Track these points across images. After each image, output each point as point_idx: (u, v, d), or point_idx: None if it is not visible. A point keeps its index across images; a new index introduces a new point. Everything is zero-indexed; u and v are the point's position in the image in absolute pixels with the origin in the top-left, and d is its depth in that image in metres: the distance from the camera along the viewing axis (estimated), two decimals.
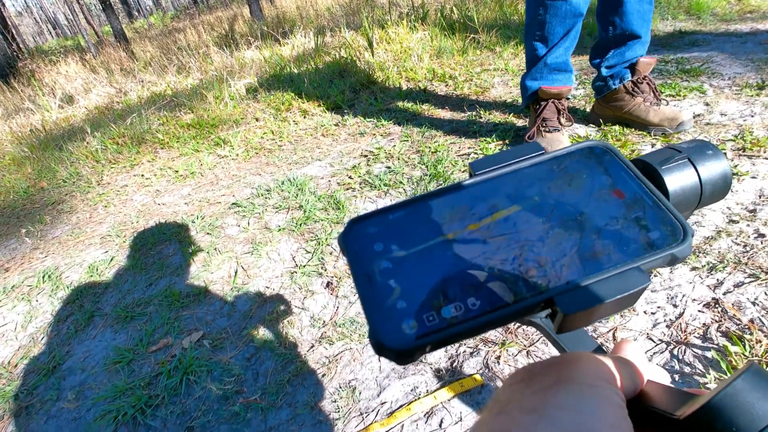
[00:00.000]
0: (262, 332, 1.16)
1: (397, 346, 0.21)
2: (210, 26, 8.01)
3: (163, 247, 1.63)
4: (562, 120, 1.64)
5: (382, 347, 0.21)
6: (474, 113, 2.14)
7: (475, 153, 1.71)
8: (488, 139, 1.80)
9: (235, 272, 1.39)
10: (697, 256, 1.10)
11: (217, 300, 1.31)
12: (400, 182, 1.62)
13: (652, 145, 1.56)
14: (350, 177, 1.76)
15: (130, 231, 1.83)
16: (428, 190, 1.55)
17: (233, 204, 1.78)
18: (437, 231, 0.25)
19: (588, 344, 0.31)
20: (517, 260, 0.24)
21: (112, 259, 1.65)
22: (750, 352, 0.86)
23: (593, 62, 1.72)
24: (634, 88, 1.64)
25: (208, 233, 1.62)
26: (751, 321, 0.92)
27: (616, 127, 1.70)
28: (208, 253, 1.51)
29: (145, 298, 1.40)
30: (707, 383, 0.83)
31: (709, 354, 0.88)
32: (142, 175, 2.40)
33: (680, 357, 0.89)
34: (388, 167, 1.75)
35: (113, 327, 1.33)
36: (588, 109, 1.91)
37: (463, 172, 1.61)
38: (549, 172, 0.27)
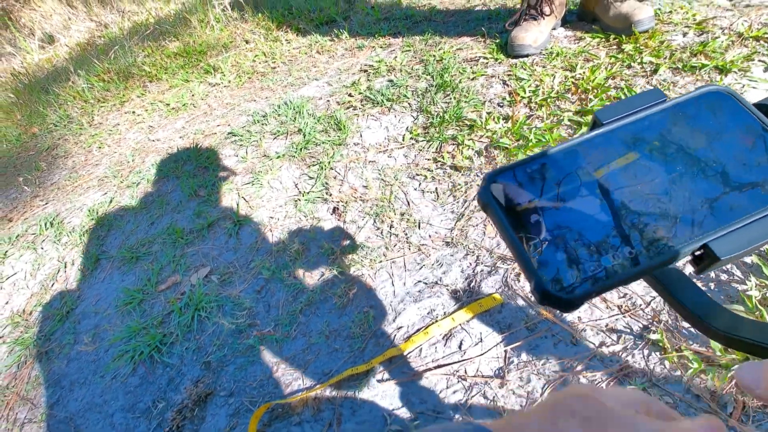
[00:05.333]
0: (270, 264, 1.12)
1: (564, 295, 0.22)
2: None
3: (162, 184, 1.57)
4: (545, 8, 1.49)
5: (549, 297, 0.22)
6: (481, 14, 1.93)
7: (485, 57, 1.55)
8: (498, 41, 1.62)
9: (237, 204, 1.33)
10: None
11: (222, 234, 1.26)
12: (405, 96, 1.49)
13: (608, 53, 1.37)
14: (350, 95, 1.63)
15: (127, 170, 1.76)
16: (435, 100, 1.43)
17: (229, 134, 1.67)
18: (580, 181, 0.25)
19: (701, 295, 0.29)
20: (664, 206, 0.24)
21: (111, 201, 1.59)
22: None
23: None
24: None
25: (206, 167, 1.54)
26: None
27: (596, 27, 1.52)
28: (207, 186, 1.44)
29: (149, 237, 1.35)
30: (747, 290, 0.77)
31: (748, 259, 0.81)
32: (133, 112, 2.28)
33: None
34: (391, 81, 1.61)
35: (120, 269, 1.30)
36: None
37: (472, 79, 1.46)
38: (678, 119, 0.27)
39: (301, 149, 1.42)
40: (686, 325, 0.73)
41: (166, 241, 1.30)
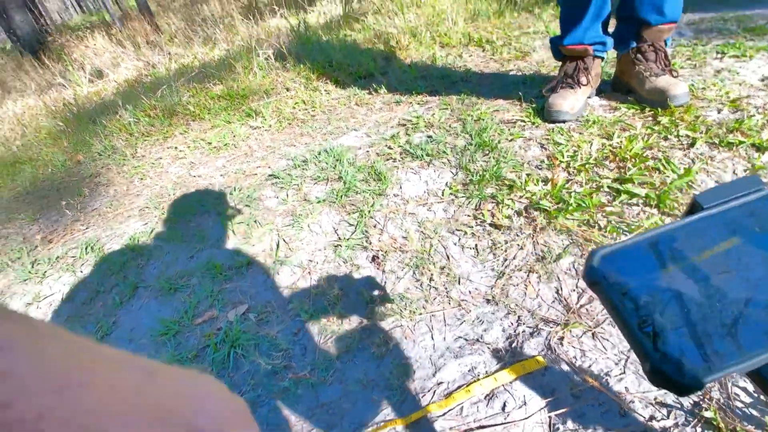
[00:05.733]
0: (308, 306, 1.14)
1: (682, 379, 0.22)
2: None
3: (202, 219, 1.62)
4: (581, 78, 1.56)
5: (665, 380, 0.22)
6: (516, 79, 2.02)
7: (522, 120, 1.62)
8: (534, 105, 1.69)
9: (277, 245, 1.36)
10: None
11: (260, 273, 1.29)
12: (444, 152, 1.55)
13: (644, 124, 1.42)
14: (389, 147, 1.69)
15: (168, 203, 1.82)
16: (474, 158, 1.48)
17: (270, 175, 1.74)
18: (685, 264, 0.26)
19: None
20: None
21: (152, 231, 1.64)
22: None
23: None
24: (636, 56, 1.52)
25: (246, 205, 1.59)
26: None
27: (631, 98, 1.59)
28: (248, 225, 1.48)
29: (188, 270, 1.39)
30: None
31: None
32: (176, 147, 2.38)
33: None
34: (429, 136, 1.67)
35: (158, 298, 1.32)
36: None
37: (510, 141, 1.52)
38: None
39: (341, 196, 1.47)
40: (740, 404, 0.72)
41: (205, 275, 1.33)
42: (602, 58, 1.62)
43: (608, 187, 1.22)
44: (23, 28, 6.92)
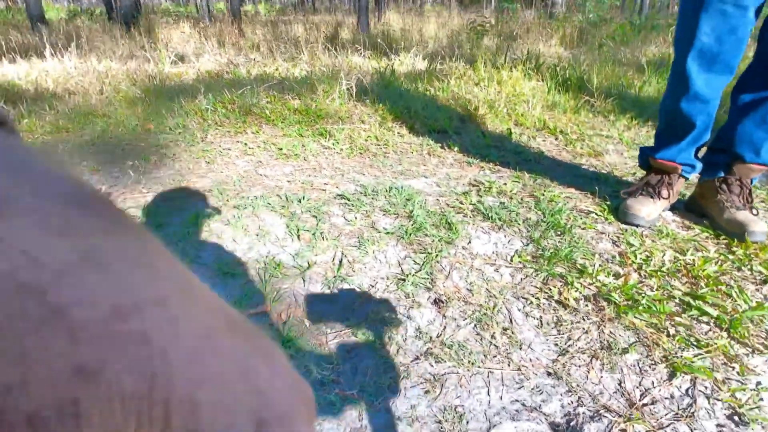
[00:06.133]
0: (364, 328, 1.13)
1: None
2: (315, 26, 8.36)
3: (267, 215, 1.65)
4: (663, 191, 1.60)
5: None
6: (589, 173, 2.08)
7: (595, 214, 1.65)
8: (608, 203, 1.73)
9: (340, 261, 1.38)
10: None
11: (319, 282, 1.30)
12: (516, 221, 1.58)
13: (717, 249, 1.44)
14: (461, 202, 1.73)
15: (232, 192, 1.87)
16: (545, 235, 1.50)
17: (339, 195, 1.79)
18: None
19: None
20: None
21: (214, 214, 1.68)
22: None
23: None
24: (721, 185, 1.57)
25: (314, 216, 1.63)
26: None
27: (706, 222, 1.61)
28: (313, 234, 1.51)
29: (246, 260, 1.40)
30: None
31: None
32: (245, 144, 2.47)
33: None
34: (502, 203, 1.72)
35: (212, 279, 1.33)
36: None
37: (584, 229, 1.55)
38: None
39: (410, 234, 1.49)
40: None
41: (265, 269, 1.35)
42: (686, 179, 1.67)
43: (679, 299, 1.22)
44: (124, 0, 7.40)
